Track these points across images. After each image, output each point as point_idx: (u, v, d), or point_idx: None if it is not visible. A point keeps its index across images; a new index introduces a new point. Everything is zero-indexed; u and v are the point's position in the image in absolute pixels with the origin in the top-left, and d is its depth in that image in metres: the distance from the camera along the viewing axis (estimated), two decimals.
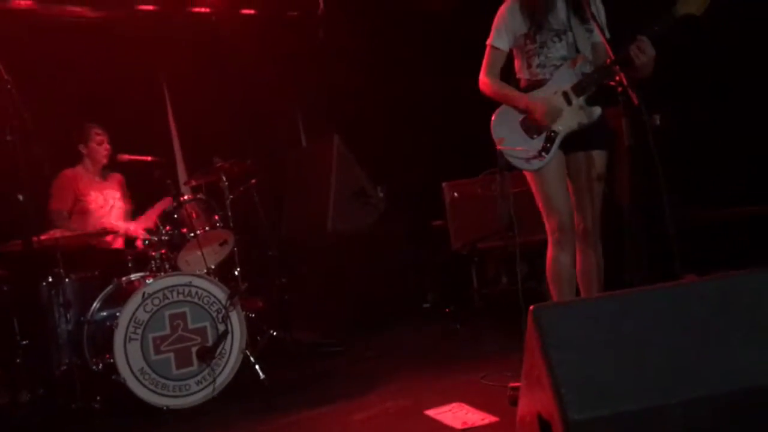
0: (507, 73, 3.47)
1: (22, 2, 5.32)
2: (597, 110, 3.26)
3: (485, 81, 3.40)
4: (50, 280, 4.17)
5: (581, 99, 3.23)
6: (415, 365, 4.28)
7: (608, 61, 3.10)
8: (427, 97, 6.21)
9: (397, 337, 5.20)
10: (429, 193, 5.65)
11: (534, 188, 3.36)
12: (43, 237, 4.05)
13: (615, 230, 4.10)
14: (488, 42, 3.40)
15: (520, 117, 3.32)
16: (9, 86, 2.63)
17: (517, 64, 3.43)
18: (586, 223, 3.32)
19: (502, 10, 3.39)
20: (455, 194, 5.33)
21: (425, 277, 5.94)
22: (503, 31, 3.36)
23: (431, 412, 3.25)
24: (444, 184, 5.37)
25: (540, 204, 3.35)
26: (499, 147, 3.35)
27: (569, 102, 3.23)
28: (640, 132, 2.99)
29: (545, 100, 3.25)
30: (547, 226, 3.35)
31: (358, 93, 6.28)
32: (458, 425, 3.04)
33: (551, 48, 3.28)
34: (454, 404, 3.31)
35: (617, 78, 2.94)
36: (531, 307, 2.17)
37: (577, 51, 3.26)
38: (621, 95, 2.90)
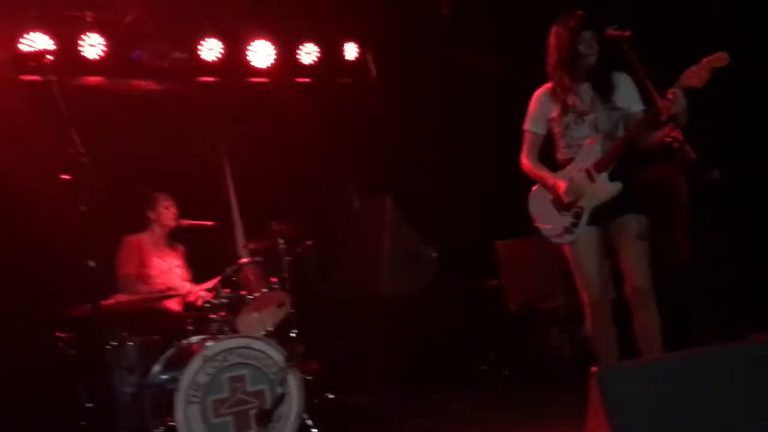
0: None
1: (93, 78, 5.64)
2: (617, 185, 3.43)
3: (523, 162, 3.69)
4: (114, 343, 4.28)
5: (603, 175, 3.42)
6: (472, 429, 4.20)
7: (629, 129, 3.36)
8: (479, 157, 6.27)
9: (454, 399, 5.09)
10: (483, 252, 5.64)
11: (569, 261, 3.57)
12: (108, 302, 4.19)
13: (676, 288, 4.03)
14: (524, 127, 3.69)
15: (551, 195, 3.55)
16: (84, 159, 2.78)
17: (555, 145, 3.68)
18: (638, 283, 3.41)
19: (535, 96, 3.67)
20: (509, 253, 5.31)
21: (481, 338, 5.85)
22: (536, 115, 3.65)
23: None
24: (497, 243, 5.36)
25: (575, 277, 3.56)
26: (534, 224, 3.65)
27: (592, 179, 3.43)
28: (698, 187, 3.01)
29: (568, 179, 3.48)
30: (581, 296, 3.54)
31: (410, 155, 6.39)
32: None
33: (575, 129, 3.51)
34: None
35: (673, 134, 3.01)
36: (593, 369, 2.14)
37: (598, 130, 3.46)
38: (677, 152, 2.95)
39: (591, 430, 2.18)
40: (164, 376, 4.22)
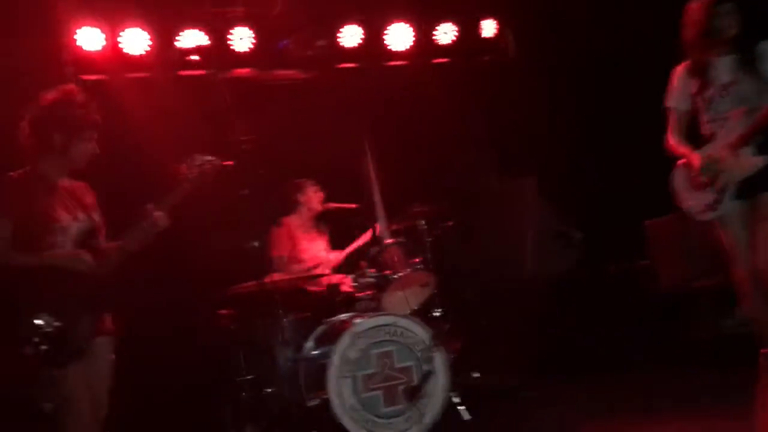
0: None
1: (242, 71, 5.94)
2: (762, 159, 3.33)
3: (667, 140, 3.69)
4: (271, 319, 4.52)
5: (747, 148, 3.34)
6: (624, 414, 4.07)
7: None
8: (627, 134, 6.01)
9: (602, 384, 4.93)
10: (632, 232, 5.41)
11: (717, 239, 3.51)
12: (264, 281, 4.44)
13: None
14: (666, 105, 3.69)
15: (693, 173, 3.52)
16: (246, 146, 2.95)
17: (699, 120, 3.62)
18: (762, 264, 3.32)
19: (675, 73, 3.66)
20: (659, 233, 5.07)
21: (630, 321, 5.61)
22: (677, 92, 3.64)
23: None
24: (647, 223, 5.12)
25: (725, 254, 3.50)
26: (678, 202, 3.64)
27: (736, 153, 3.35)
28: None
29: (708, 155, 3.43)
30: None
31: (553, 133, 6.23)
32: None
33: (718, 103, 3.45)
34: None
35: None
36: (762, 351, 2.01)
37: (742, 103, 3.36)
38: None
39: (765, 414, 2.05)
40: (316, 352, 4.42)
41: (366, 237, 5.14)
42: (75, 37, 5.14)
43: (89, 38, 5.20)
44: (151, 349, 5.24)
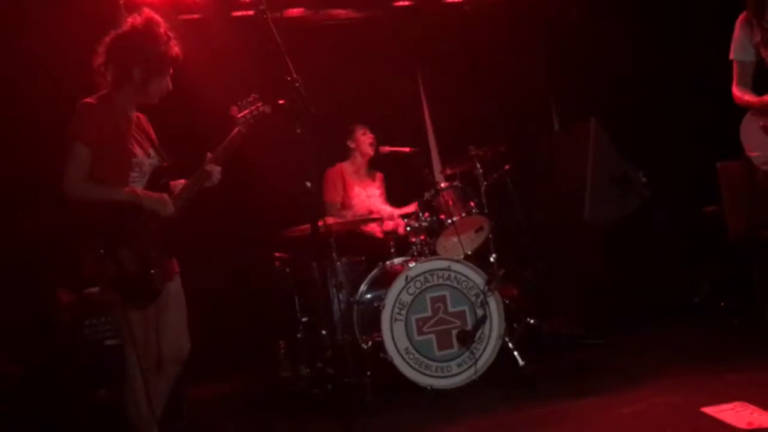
0: None
1: (295, 10, 5.84)
2: None
3: (733, 92, 3.68)
4: (325, 263, 4.53)
5: None
6: (685, 361, 3.95)
7: None
8: (694, 72, 5.70)
9: (664, 332, 4.79)
10: (700, 176, 5.17)
11: None
12: (318, 224, 4.43)
13: None
14: (730, 57, 3.69)
15: (761, 121, 3.52)
16: (297, 84, 2.88)
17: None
18: None
19: (737, 24, 3.65)
20: (732, 176, 4.81)
21: (695, 269, 5.41)
22: (739, 43, 3.64)
23: (709, 410, 2.99)
24: (719, 165, 4.87)
25: None
26: (745, 152, 3.66)
27: None
28: None
29: None
30: None
31: (617, 72, 5.96)
32: (743, 425, 2.78)
33: None
34: (736, 403, 3.01)
35: None
36: None
37: None
38: None
39: None
40: (369, 295, 4.42)
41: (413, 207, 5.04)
42: None
43: None
44: (209, 290, 5.35)
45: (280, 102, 3.02)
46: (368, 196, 5.25)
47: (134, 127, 3.12)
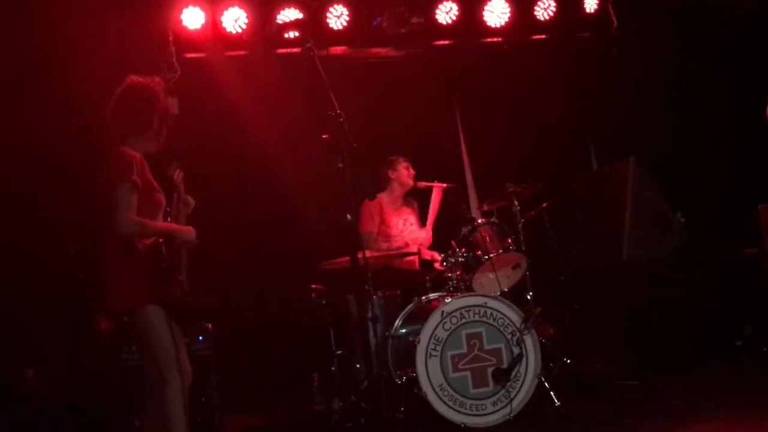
0: None
1: (338, 48, 5.97)
2: None
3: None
4: (360, 296, 4.55)
5: None
6: (729, 405, 3.86)
7: None
8: (733, 113, 5.66)
9: (704, 375, 4.69)
10: (740, 217, 5.10)
11: None
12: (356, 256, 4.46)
13: None
14: None
15: None
16: (341, 120, 2.95)
17: None
18: None
19: None
20: None
21: (737, 311, 5.29)
22: None
23: None
24: (761, 207, 4.79)
25: None
26: None
27: None
28: None
29: None
30: None
31: (655, 112, 5.94)
32: None
33: None
34: None
35: None
36: None
37: None
38: None
39: None
40: (404, 330, 4.42)
41: (437, 198, 5.21)
42: (181, 17, 5.31)
43: (192, 17, 5.36)
44: (244, 322, 5.41)
45: (324, 136, 3.09)
46: (405, 225, 5.31)
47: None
